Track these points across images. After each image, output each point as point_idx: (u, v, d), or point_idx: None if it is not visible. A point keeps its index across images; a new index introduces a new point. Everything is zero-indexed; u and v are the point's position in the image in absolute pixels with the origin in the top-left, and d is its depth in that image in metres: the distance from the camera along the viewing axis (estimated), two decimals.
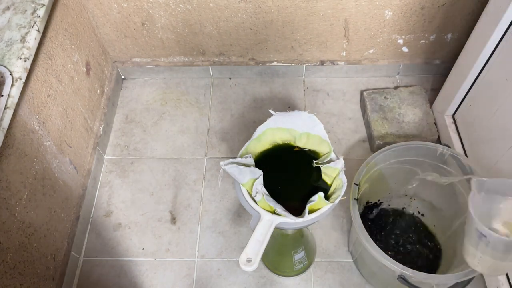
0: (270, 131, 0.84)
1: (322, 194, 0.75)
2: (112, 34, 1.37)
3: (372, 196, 1.18)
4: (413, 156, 1.04)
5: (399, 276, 0.87)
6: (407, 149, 1.03)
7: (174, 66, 1.49)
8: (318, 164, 0.80)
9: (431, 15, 1.26)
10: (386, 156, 1.02)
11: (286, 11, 1.26)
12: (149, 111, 1.48)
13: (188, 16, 1.29)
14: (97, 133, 1.35)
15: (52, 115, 1.09)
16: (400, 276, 0.87)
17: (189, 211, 1.28)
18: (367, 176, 1.01)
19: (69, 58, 1.18)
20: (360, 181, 0.98)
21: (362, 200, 1.14)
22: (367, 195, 1.15)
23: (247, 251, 0.68)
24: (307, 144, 0.84)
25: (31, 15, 0.99)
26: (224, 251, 1.21)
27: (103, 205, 1.30)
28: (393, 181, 1.12)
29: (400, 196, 1.18)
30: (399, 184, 1.13)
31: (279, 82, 1.51)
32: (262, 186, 0.75)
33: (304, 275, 1.17)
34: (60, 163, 1.13)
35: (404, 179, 1.10)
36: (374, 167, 1.02)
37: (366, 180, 1.03)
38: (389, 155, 1.03)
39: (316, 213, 0.74)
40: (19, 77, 0.90)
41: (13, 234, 0.92)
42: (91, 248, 1.24)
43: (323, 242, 1.21)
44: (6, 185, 0.90)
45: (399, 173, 1.08)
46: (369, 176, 1.03)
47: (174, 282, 1.18)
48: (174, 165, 1.36)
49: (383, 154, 1.01)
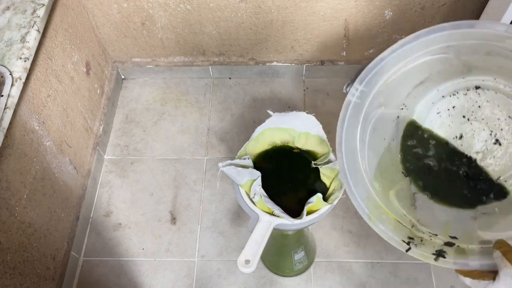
0: (269, 131, 0.84)
1: (321, 195, 0.75)
2: (112, 34, 1.37)
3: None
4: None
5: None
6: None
7: (174, 66, 1.49)
8: (317, 165, 0.80)
9: (431, 15, 1.26)
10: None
11: (286, 11, 1.25)
12: (149, 111, 1.48)
13: (188, 16, 1.29)
14: (97, 133, 1.35)
15: (52, 115, 1.09)
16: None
17: (189, 211, 1.28)
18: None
19: (69, 58, 1.18)
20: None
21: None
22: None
23: (245, 253, 0.68)
24: (306, 144, 0.84)
25: (31, 15, 0.99)
26: (224, 251, 1.21)
27: (103, 205, 1.31)
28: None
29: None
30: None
31: (279, 82, 1.51)
32: (260, 187, 0.74)
33: (304, 275, 1.17)
34: (60, 163, 1.13)
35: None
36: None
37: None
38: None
39: (315, 214, 0.74)
40: (19, 77, 0.90)
41: (13, 234, 0.93)
42: (91, 248, 1.24)
43: (323, 242, 1.21)
44: (6, 185, 0.91)
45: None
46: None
47: (174, 282, 1.18)
48: (174, 165, 1.36)
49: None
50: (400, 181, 0.75)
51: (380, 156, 0.75)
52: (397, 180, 0.75)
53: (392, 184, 0.74)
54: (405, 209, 0.73)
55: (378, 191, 0.73)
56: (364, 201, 0.69)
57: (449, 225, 0.70)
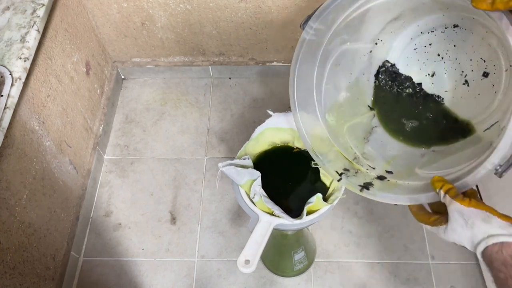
0: (269, 131, 0.83)
1: (321, 195, 0.74)
2: (112, 34, 1.37)
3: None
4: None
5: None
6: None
7: (174, 66, 1.49)
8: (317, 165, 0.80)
9: None
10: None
11: (286, 11, 1.25)
12: (149, 111, 1.48)
13: (188, 16, 1.28)
14: (97, 133, 1.35)
15: (52, 115, 1.09)
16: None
17: (189, 211, 1.28)
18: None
19: (69, 58, 1.18)
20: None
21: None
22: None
23: (245, 253, 0.68)
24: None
25: (30, 15, 0.99)
26: (224, 251, 1.21)
27: (103, 205, 1.31)
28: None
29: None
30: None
31: (279, 82, 1.51)
32: (260, 187, 0.74)
33: (304, 275, 1.17)
34: (60, 163, 1.13)
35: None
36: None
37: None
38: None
39: (315, 214, 0.73)
40: (19, 77, 0.90)
41: (13, 234, 0.93)
42: (91, 248, 1.24)
43: (323, 242, 1.21)
44: (6, 185, 0.90)
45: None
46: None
47: (174, 282, 1.18)
48: (174, 165, 1.36)
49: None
50: (362, 115, 0.77)
51: (344, 90, 0.76)
52: (360, 113, 0.77)
53: (351, 118, 0.77)
54: (355, 141, 0.76)
55: (330, 123, 0.76)
56: (309, 133, 0.74)
57: (393, 160, 0.72)
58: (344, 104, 0.77)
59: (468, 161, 0.60)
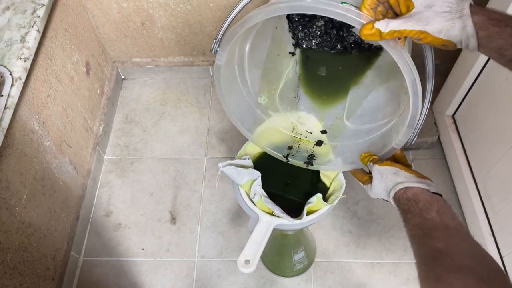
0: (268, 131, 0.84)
1: (321, 195, 0.75)
2: (112, 34, 1.37)
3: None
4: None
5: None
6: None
7: (174, 66, 1.49)
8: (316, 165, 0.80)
9: None
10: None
11: None
12: (149, 111, 1.48)
13: (188, 16, 1.28)
14: (97, 133, 1.35)
15: (52, 115, 1.09)
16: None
17: (189, 211, 1.28)
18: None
19: (69, 58, 1.18)
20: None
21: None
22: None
23: (245, 253, 0.68)
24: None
25: (31, 15, 0.99)
26: (224, 251, 1.21)
27: (103, 205, 1.31)
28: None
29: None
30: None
31: None
32: (260, 187, 0.74)
33: (304, 275, 1.17)
34: (60, 163, 1.13)
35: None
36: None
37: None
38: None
39: (315, 214, 0.74)
40: (19, 77, 0.90)
41: (13, 234, 0.93)
42: (91, 248, 1.24)
43: (323, 242, 1.21)
44: (6, 185, 0.90)
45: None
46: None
47: (174, 282, 1.18)
48: (174, 165, 1.36)
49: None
50: (287, 68, 0.81)
51: (265, 60, 0.79)
52: (284, 68, 0.81)
53: (278, 81, 0.82)
54: (289, 106, 0.83)
55: (264, 104, 0.82)
56: (252, 128, 0.80)
57: (323, 114, 0.82)
58: (270, 70, 0.81)
59: (384, 119, 0.75)
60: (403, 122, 0.66)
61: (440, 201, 0.58)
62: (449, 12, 0.52)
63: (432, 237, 0.53)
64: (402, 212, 0.60)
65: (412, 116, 0.61)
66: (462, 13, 0.51)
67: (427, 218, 0.56)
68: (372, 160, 0.69)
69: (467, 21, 0.51)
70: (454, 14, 0.52)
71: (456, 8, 0.52)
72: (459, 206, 1.23)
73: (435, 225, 0.55)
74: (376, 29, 0.52)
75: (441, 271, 0.48)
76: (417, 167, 1.32)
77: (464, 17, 0.51)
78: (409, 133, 0.65)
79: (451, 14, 0.52)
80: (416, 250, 0.55)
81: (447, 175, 1.29)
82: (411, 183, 0.61)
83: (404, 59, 0.56)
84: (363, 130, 0.79)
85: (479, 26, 0.51)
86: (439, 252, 0.51)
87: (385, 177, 0.64)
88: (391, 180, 0.63)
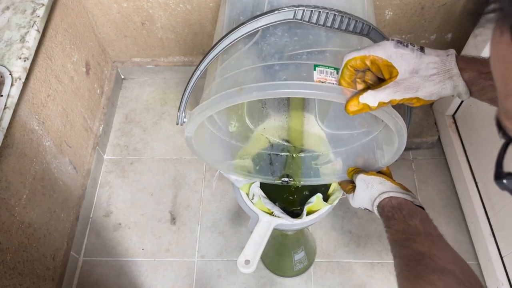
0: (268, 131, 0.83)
1: (321, 195, 0.74)
2: (111, 34, 1.37)
3: None
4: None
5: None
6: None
7: (174, 66, 1.49)
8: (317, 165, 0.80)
9: (431, 15, 1.26)
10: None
11: None
12: (149, 111, 1.47)
13: (188, 16, 1.28)
14: (97, 133, 1.35)
15: (52, 115, 1.09)
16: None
17: (189, 211, 1.28)
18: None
19: (68, 58, 1.18)
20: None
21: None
22: None
23: (245, 253, 0.68)
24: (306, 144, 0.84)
25: (30, 15, 0.99)
26: (224, 251, 1.21)
27: (103, 205, 1.30)
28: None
29: None
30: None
31: None
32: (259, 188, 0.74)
33: (304, 275, 1.17)
34: (60, 163, 1.13)
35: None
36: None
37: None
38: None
39: (315, 214, 0.73)
40: (19, 77, 0.90)
41: (13, 234, 0.92)
42: (91, 248, 1.24)
43: (323, 242, 1.21)
44: (5, 185, 0.90)
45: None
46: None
47: (174, 282, 1.18)
48: (174, 165, 1.36)
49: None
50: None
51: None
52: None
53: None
54: (259, 120, 0.81)
55: (237, 131, 0.80)
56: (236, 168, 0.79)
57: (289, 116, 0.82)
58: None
59: (361, 126, 0.74)
60: (387, 143, 0.67)
61: (423, 213, 0.59)
62: (437, 74, 0.49)
63: (415, 241, 0.53)
64: (385, 219, 0.60)
65: (398, 149, 0.63)
66: (451, 73, 0.49)
67: (410, 224, 0.56)
68: (358, 172, 0.70)
69: (458, 81, 0.49)
70: (443, 75, 0.49)
71: (443, 68, 0.49)
72: (459, 206, 1.23)
73: (418, 231, 0.55)
74: (363, 104, 0.49)
75: (423, 272, 0.49)
76: (417, 167, 1.32)
77: (454, 77, 0.49)
78: (396, 158, 0.67)
79: (440, 76, 0.49)
80: (398, 252, 0.55)
81: (447, 175, 1.29)
82: (396, 193, 0.62)
83: (390, 116, 0.54)
84: (343, 137, 0.78)
85: (471, 83, 0.49)
86: (421, 255, 0.51)
87: (370, 186, 0.65)
88: (376, 189, 0.64)
